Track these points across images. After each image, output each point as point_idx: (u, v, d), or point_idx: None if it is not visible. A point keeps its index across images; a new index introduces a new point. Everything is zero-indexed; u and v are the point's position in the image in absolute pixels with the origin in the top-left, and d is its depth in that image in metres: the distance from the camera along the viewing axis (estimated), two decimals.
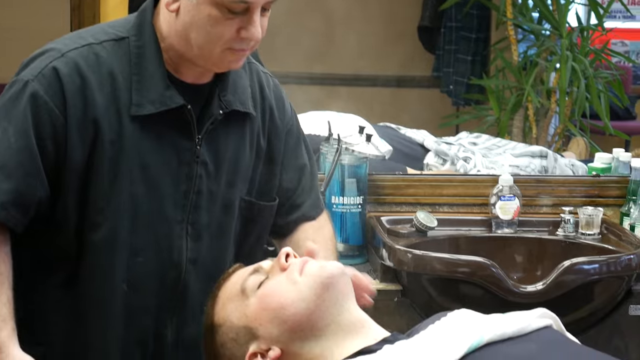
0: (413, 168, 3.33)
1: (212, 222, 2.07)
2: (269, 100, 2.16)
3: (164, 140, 2.00)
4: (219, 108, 2.04)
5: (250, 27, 1.92)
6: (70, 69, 1.93)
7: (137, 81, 1.96)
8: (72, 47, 1.96)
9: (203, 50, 1.94)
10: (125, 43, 1.98)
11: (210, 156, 2.04)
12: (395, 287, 2.65)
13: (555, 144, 4.02)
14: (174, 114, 1.98)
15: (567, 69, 3.92)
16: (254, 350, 1.95)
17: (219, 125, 2.05)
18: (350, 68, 4.86)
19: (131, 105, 1.96)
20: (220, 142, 2.05)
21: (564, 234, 2.89)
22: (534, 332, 1.91)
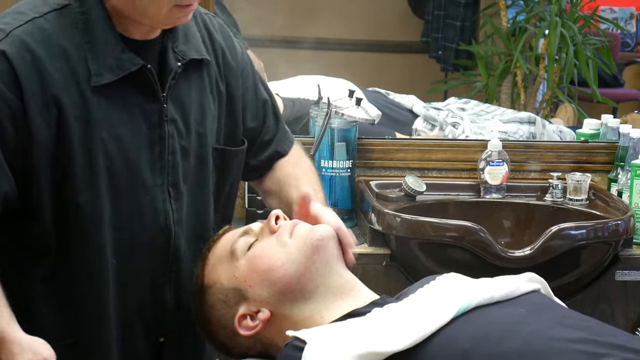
0: (401, 133, 3.33)
1: (190, 179, 2.03)
2: (219, 42, 2.11)
3: (130, 106, 1.94)
4: (176, 60, 1.99)
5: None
6: (17, 48, 1.84)
7: (89, 49, 1.89)
8: (15, 25, 1.87)
9: (149, 11, 1.89)
10: (68, 11, 1.90)
11: (177, 112, 1.99)
12: (383, 251, 2.65)
13: (543, 110, 4.01)
14: (135, 77, 1.92)
15: (556, 35, 3.90)
16: (243, 312, 1.97)
17: (180, 78, 2.00)
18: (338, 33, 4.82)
19: (90, 76, 1.88)
20: (184, 96, 2.01)
21: (552, 199, 2.90)
22: (522, 295, 1.92)
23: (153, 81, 1.95)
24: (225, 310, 1.99)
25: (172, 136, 1.98)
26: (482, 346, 1.75)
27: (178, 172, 2.00)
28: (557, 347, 1.75)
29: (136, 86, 1.93)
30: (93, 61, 1.89)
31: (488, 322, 1.82)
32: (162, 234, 1.99)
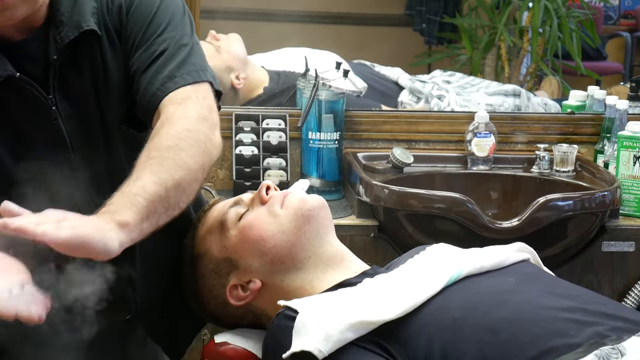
0: (387, 105, 3.34)
1: (105, 167, 1.85)
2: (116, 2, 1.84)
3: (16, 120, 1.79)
4: (55, 52, 1.78)
5: None
6: None
7: None
8: None
9: None
10: None
11: (72, 105, 1.82)
12: (371, 223, 2.66)
13: (527, 83, 4.02)
14: (9, 87, 1.75)
15: (540, 8, 3.90)
16: (234, 282, 1.97)
17: (66, 65, 1.80)
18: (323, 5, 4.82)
19: None
20: (76, 84, 1.82)
21: (539, 170, 2.91)
22: (512, 265, 1.94)
23: (29, 87, 1.77)
24: (216, 280, 1.99)
25: (72, 133, 1.82)
26: (473, 315, 1.76)
27: (92, 163, 1.82)
28: (547, 316, 1.76)
29: (15, 95, 1.77)
30: None
31: (478, 291, 1.83)
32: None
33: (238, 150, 2.81)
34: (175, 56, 1.81)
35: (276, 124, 2.87)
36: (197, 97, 1.80)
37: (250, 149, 2.82)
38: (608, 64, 5.04)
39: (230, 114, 2.86)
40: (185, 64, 1.81)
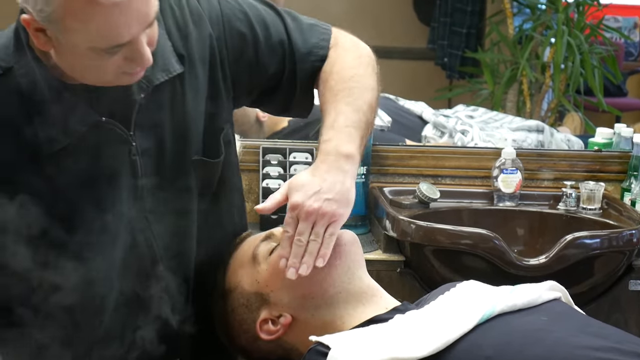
0: (411, 139, 3.34)
1: (168, 201, 1.90)
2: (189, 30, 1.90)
3: (95, 155, 1.81)
4: (140, 91, 1.82)
5: (137, 58, 1.70)
6: None
7: (37, 114, 1.75)
8: None
9: (92, 81, 1.75)
10: (11, 75, 1.75)
11: (148, 140, 1.86)
12: (398, 258, 2.66)
13: (549, 118, 4.03)
14: (94, 130, 1.78)
15: (562, 44, 3.92)
16: (265, 317, 1.96)
17: (148, 103, 1.84)
18: None
19: (42, 144, 1.75)
20: (155, 120, 1.86)
21: (566, 208, 2.90)
22: (544, 303, 1.92)
23: (114, 126, 1.81)
24: (246, 314, 1.98)
25: (145, 167, 1.86)
26: (505, 353, 1.75)
27: (156, 195, 1.88)
28: (581, 355, 1.75)
29: (96, 135, 1.80)
30: (42, 126, 1.76)
31: (511, 329, 1.82)
32: (148, 263, 1.90)
33: (265, 183, 2.82)
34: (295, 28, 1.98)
35: (303, 157, 2.88)
36: (339, 35, 2.01)
37: (277, 182, 2.82)
38: (629, 100, 5.05)
39: (258, 147, 2.87)
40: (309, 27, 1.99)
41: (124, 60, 1.70)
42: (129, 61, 1.71)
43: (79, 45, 1.66)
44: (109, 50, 1.67)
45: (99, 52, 1.67)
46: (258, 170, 2.83)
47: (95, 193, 1.81)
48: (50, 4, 1.63)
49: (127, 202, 1.85)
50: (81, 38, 1.65)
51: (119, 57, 1.69)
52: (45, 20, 1.65)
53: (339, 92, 1.91)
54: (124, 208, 1.84)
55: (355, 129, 1.87)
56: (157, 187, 1.88)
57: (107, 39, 1.66)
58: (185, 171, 1.91)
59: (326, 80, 1.95)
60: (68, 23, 1.63)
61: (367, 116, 1.91)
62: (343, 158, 1.84)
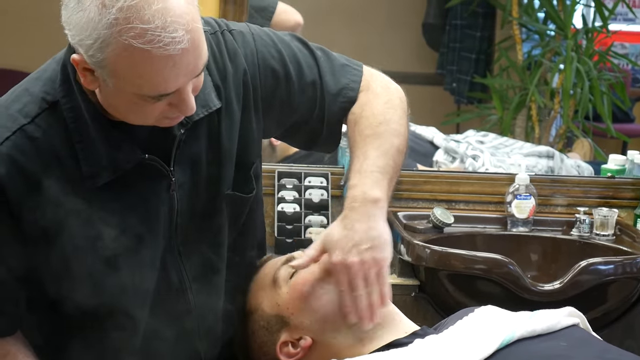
0: (422, 164, 3.35)
1: (200, 232, 1.92)
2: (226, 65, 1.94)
3: (135, 190, 1.83)
4: (180, 126, 1.84)
5: (181, 106, 1.73)
6: (8, 168, 1.74)
7: (82, 149, 1.77)
8: (3, 138, 1.75)
9: (135, 122, 1.77)
10: (57, 109, 1.77)
11: (185, 174, 1.88)
12: (412, 282, 2.66)
13: (557, 144, 4.03)
14: (136, 167, 1.81)
15: (571, 70, 3.94)
16: (285, 339, 1.97)
17: (186, 139, 1.87)
18: None
19: (84, 179, 1.78)
20: (193, 155, 1.89)
21: (579, 234, 2.92)
22: (563, 329, 1.93)
23: (156, 164, 1.83)
24: (266, 337, 1.99)
25: (180, 200, 1.88)
26: None
27: (187, 230, 1.90)
28: None
29: (138, 173, 1.82)
30: (86, 162, 1.78)
31: (531, 355, 1.83)
32: (179, 294, 1.92)
33: (280, 208, 2.83)
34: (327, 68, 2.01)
35: (318, 181, 2.89)
36: (370, 77, 2.04)
37: (292, 206, 2.83)
38: (636, 126, 5.05)
39: (273, 171, 2.88)
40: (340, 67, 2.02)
41: (168, 106, 1.73)
42: (173, 107, 1.73)
43: (125, 91, 1.69)
44: (155, 98, 1.70)
45: (145, 99, 1.70)
46: (273, 194, 2.85)
47: (132, 226, 1.83)
48: (104, 51, 1.64)
49: (162, 235, 1.86)
50: (129, 85, 1.68)
51: (164, 103, 1.72)
52: (96, 64, 1.67)
53: (368, 137, 1.94)
54: (159, 240, 1.86)
55: (382, 173, 1.91)
56: (190, 220, 1.90)
57: (155, 89, 1.68)
58: (218, 205, 1.93)
59: (355, 124, 1.98)
60: (119, 70, 1.66)
61: (395, 160, 1.94)
62: (370, 203, 1.87)
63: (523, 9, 4.18)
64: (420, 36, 4.83)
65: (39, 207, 1.76)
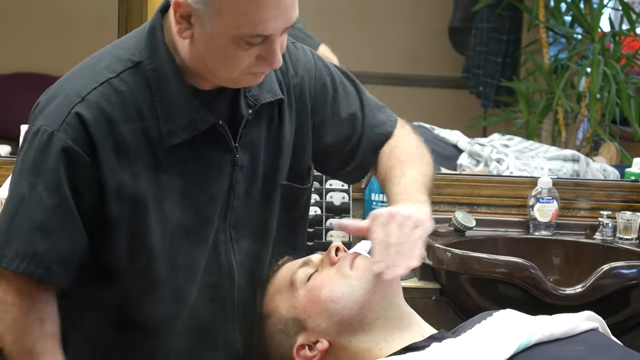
0: (446, 168, 3.34)
1: (252, 219, 2.00)
2: (293, 70, 2.04)
3: (202, 161, 1.92)
4: (247, 107, 1.95)
5: (270, 57, 1.83)
6: (95, 114, 1.83)
7: (162, 109, 1.87)
8: (91, 88, 1.85)
9: (220, 75, 1.87)
10: (141, 68, 1.88)
11: (247, 157, 1.97)
12: (433, 286, 2.66)
13: (584, 148, 4.02)
14: (207, 133, 1.90)
15: (598, 74, 3.92)
16: (302, 342, 1.97)
17: (251, 122, 1.96)
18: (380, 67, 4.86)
19: (162, 136, 1.87)
20: (254, 138, 1.97)
21: (602, 237, 2.90)
22: (582, 334, 1.92)
23: (225, 135, 1.92)
24: (284, 340, 1.99)
25: (239, 181, 1.96)
26: None
27: (241, 214, 1.98)
28: None
29: (208, 140, 1.91)
30: (165, 120, 1.87)
31: (548, 359, 1.82)
32: (226, 276, 1.98)
33: None
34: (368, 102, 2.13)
35: (339, 184, 2.89)
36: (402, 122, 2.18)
37: (313, 209, 2.84)
38: None
39: None
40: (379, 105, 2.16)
41: (256, 59, 1.82)
42: (261, 59, 1.83)
43: (222, 33, 1.78)
44: (250, 40, 1.78)
45: (239, 42, 1.79)
46: None
47: (194, 196, 1.91)
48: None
49: (218, 212, 1.94)
50: (229, 23, 1.77)
51: (254, 52, 1.81)
52: (201, 2, 1.77)
53: (405, 160, 2.06)
54: (215, 217, 1.94)
55: (422, 184, 2.02)
56: (245, 204, 1.97)
57: (254, 28, 1.77)
58: (273, 194, 2.02)
59: (392, 151, 2.09)
60: (224, 6, 1.76)
61: (429, 183, 2.06)
62: (417, 202, 1.96)
63: (550, 12, 4.16)
64: (446, 40, 4.82)
65: (119, 156, 1.84)
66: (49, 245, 1.83)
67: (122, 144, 1.85)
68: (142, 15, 3.25)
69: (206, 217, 1.93)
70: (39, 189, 1.82)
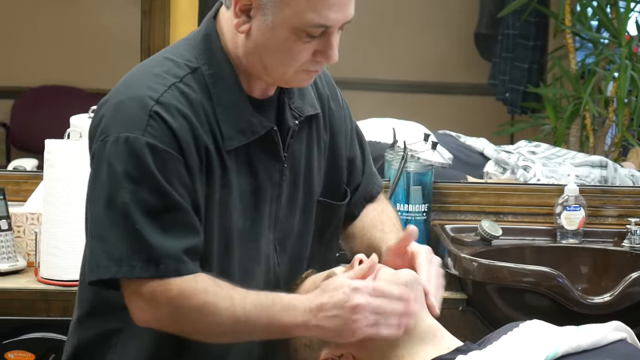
0: (472, 176, 3.33)
1: (293, 233, 2.03)
2: (324, 91, 2.09)
3: (256, 167, 1.94)
4: (293, 118, 1.98)
5: (328, 51, 1.86)
6: (173, 114, 1.83)
7: (221, 113, 1.89)
8: (162, 91, 1.85)
9: (275, 72, 1.89)
10: (199, 74, 1.90)
11: (290, 169, 1.99)
12: (460, 296, 2.65)
13: (612, 153, 3.99)
14: (262, 139, 1.93)
15: (626, 78, 3.89)
16: (325, 356, 1.96)
17: (294, 134, 2.00)
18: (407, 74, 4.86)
19: (224, 140, 1.89)
20: (296, 151, 2.00)
21: (630, 245, 2.88)
22: (609, 345, 1.90)
23: (277, 142, 1.95)
24: (308, 354, 1.98)
25: (284, 192, 1.99)
26: None
27: (285, 226, 2.00)
28: None
29: (261, 147, 1.93)
30: (225, 124, 1.89)
31: None
32: (270, 288, 1.96)
33: None
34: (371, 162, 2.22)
35: None
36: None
37: None
38: None
39: None
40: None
41: (313, 55, 1.86)
42: (319, 55, 1.86)
43: (283, 23, 1.82)
44: (311, 31, 1.82)
45: (299, 34, 1.82)
46: None
47: (249, 203, 1.94)
48: None
49: (267, 224, 1.97)
50: (293, 11, 1.81)
51: (312, 46, 1.84)
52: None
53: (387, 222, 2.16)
54: (265, 228, 1.97)
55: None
56: (287, 216, 2.00)
57: (319, 15, 1.81)
58: (309, 209, 2.05)
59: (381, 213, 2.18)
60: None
61: None
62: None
63: (576, 17, 4.13)
64: (472, 46, 4.81)
65: (199, 155, 1.86)
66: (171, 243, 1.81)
67: (202, 144, 1.86)
68: (165, 30, 3.25)
69: (257, 226, 1.95)
70: (141, 194, 1.80)
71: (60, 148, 2.68)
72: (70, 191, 2.65)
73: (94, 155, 1.87)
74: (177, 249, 1.81)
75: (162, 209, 1.81)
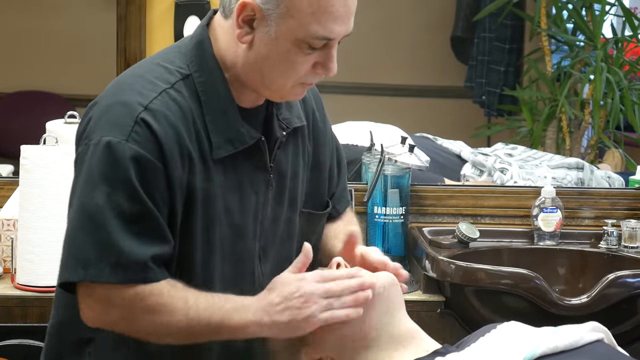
0: (449, 178, 3.33)
1: (277, 242, 2.03)
2: (310, 103, 2.10)
3: (242, 177, 1.94)
4: (280, 129, 1.98)
5: (328, 63, 1.86)
6: (160, 122, 1.83)
7: (211, 121, 1.89)
8: (151, 97, 1.84)
9: (274, 84, 1.89)
10: (190, 81, 1.89)
11: (276, 179, 2.00)
12: (438, 299, 2.65)
13: (589, 155, 4.00)
14: (249, 149, 1.93)
15: (601, 81, 3.90)
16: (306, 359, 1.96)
17: (282, 145, 2.00)
18: (382, 78, 4.85)
19: (212, 149, 1.89)
20: (282, 163, 2.01)
21: (607, 246, 2.89)
22: (587, 345, 1.91)
23: (264, 152, 1.95)
24: (287, 357, 1.98)
25: (270, 203, 1.99)
26: None
27: (269, 237, 2.00)
28: None
29: (248, 157, 1.93)
30: (214, 133, 1.89)
31: None
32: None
33: None
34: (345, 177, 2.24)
35: None
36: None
37: None
38: None
39: None
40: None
41: (313, 67, 1.86)
42: (319, 67, 1.87)
43: (286, 35, 1.82)
44: (313, 43, 1.82)
45: (301, 45, 1.82)
46: None
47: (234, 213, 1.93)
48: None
49: (252, 234, 1.97)
50: (297, 22, 1.81)
51: (312, 58, 1.85)
52: (271, 1, 1.81)
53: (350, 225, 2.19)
54: (250, 239, 1.96)
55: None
56: (270, 226, 2.00)
57: (322, 28, 1.82)
58: (293, 219, 2.05)
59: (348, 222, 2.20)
60: (295, 4, 1.80)
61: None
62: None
63: (552, 20, 4.14)
64: (449, 49, 4.81)
65: (183, 164, 1.85)
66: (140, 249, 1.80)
67: (186, 152, 1.85)
68: (141, 34, 3.24)
69: (242, 235, 1.95)
70: (116, 199, 1.79)
71: (36, 153, 2.67)
72: (46, 197, 2.64)
73: (77, 156, 1.88)
74: (145, 255, 1.81)
75: (135, 215, 1.81)
